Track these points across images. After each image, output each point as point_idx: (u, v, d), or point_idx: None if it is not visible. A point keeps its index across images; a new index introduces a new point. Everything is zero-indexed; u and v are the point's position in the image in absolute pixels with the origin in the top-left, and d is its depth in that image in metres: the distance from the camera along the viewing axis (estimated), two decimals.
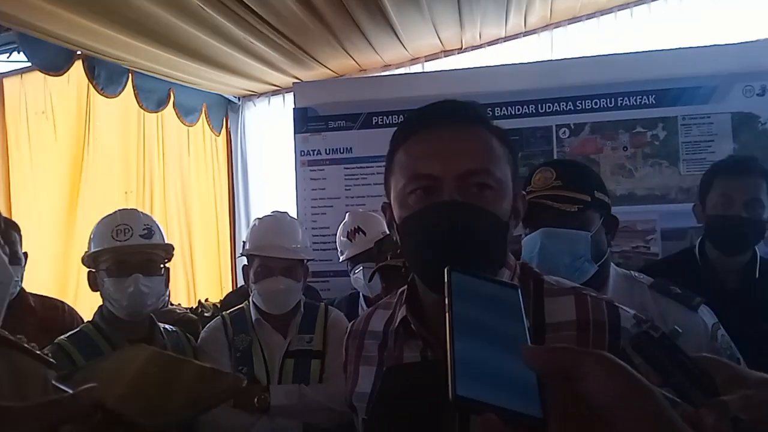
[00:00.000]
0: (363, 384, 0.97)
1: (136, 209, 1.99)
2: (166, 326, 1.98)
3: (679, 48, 3.12)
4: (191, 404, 0.58)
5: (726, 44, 3.03)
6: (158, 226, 1.93)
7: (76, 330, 1.83)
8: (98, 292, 1.86)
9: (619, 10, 3.61)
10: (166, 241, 1.93)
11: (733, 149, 2.84)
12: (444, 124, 0.87)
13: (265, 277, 1.99)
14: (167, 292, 2.57)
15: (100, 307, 1.88)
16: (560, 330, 0.85)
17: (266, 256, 2.01)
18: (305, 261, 2.09)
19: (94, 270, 1.87)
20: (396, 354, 0.94)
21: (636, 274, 1.57)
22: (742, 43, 3.01)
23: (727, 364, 0.55)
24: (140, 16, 2.61)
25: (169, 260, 1.93)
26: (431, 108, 0.90)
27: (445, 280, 0.50)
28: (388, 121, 3.29)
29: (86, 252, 1.89)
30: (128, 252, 1.82)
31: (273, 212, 2.24)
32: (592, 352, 0.44)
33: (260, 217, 2.21)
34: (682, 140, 2.98)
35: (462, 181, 0.83)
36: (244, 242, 2.13)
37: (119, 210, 1.94)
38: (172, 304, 2.98)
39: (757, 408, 0.50)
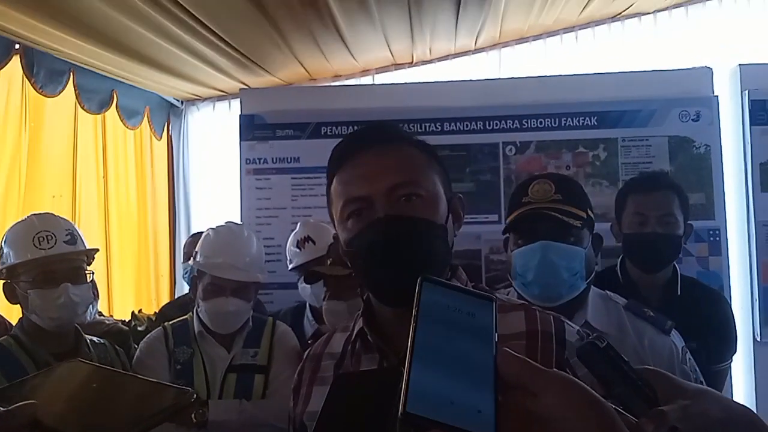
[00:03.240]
0: (315, 403, 0.94)
1: (52, 213, 1.86)
2: (93, 338, 1.87)
3: (621, 72, 3.25)
4: (134, 421, 0.53)
5: (664, 70, 3.17)
6: (78, 231, 1.81)
7: None
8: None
9: (564, 33, 3.74)
10: (87, 246, 1.82)
11: (669, 171, 2.95)
12: (365, 148, 0.92)
13: (214, 296, 1.92)
14: (97, 303, 2.45)
15: (20, 319, 1.75)
16: (509, 341, 0.87)
17: (218, 276, 1.93)
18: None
19: (10, 281, 1.72)
20: (353, 369, 0.93)
21: (611, 294, 1.57)
22: (679, 69, 3.15)
23: (666, 375, 0.56)
24: (82, 12, 2.48)
25: (90, 264, 1.82)
26: (352, 136, 0.95)
27: (416, 290, 0.49)
28: (337, 132, 3.24)
29: (1, 263, 1.74)
30: (54, 260, 1.70)
31: (228, 223, 2.15)
32: (548, 370, 0.45)
33: (215, 227, 2.11)
34: (622, 161, 3.08)
35: (390, 195, 0.87)
36: (195, 252, 2.03)
37: (34, 215, 1.80)
38: (102, 315, 2.84)
39: (694, 418, 0.51)
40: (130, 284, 3.77)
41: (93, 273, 1.81)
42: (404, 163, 0.90)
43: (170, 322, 2.02)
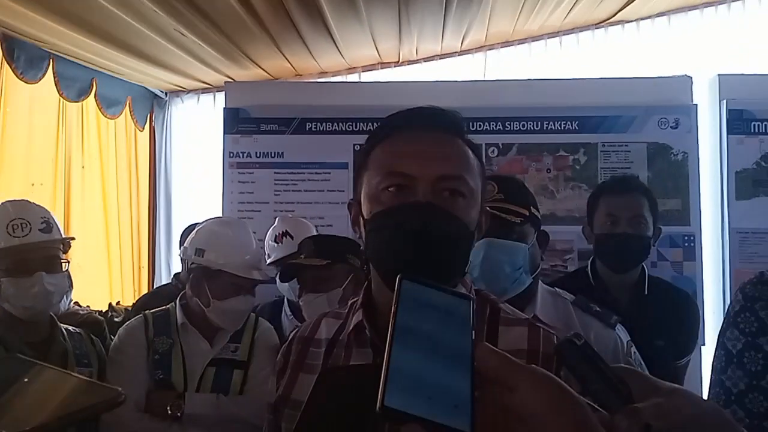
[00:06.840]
0: (301, 392, 0.93)
1: (27, 200, 1.82)
2: (69, 328, 1.85)
3: (603, 78, 3.28)
4: (64, 415, 0.55)
5: (645, 78, 3.22)
6: (54, 219, 1.78)
7: None
8: None
9: (549, 38, 3.78)
10: (63, 235, 1.80)
11: (647, 177, 3.00)
12: (424, 128, 0.89)
13: (235, 294, 1.92)
14: (71, 292, 2.42)
15: None
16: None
17: (245, 276, 1.93)
18: None
19: None
20: (343, 362, 0.92)
21: (559, 291, 1.64)
22: (659, 77, 3.20)
23: (641, 374, 0.58)
24: None
25: (66, 253, 1.80)
26: (413, 111, 0.91)
27: (396, 287, 0.50)
28: (321, 128, 3.26)
29: None
30: (29, 249, 1.67)
31: (226, 218, 2.16)
32: (524, 365, 0.47)
33: (219, 223, 2.09)
34: (601, 166, 3.13)
35: (437, 184, 0.85)
36: (202, 249, 1.96)
37: (8, 202, 1.76)
38: (78, 305, 2.81)
39: (667, 415, 0.52)
40: (110, 275, 3.73)
41: (68, 262, 1.79)
42: (459, 158, 0.88)
43: (152, 311, 2.00)
